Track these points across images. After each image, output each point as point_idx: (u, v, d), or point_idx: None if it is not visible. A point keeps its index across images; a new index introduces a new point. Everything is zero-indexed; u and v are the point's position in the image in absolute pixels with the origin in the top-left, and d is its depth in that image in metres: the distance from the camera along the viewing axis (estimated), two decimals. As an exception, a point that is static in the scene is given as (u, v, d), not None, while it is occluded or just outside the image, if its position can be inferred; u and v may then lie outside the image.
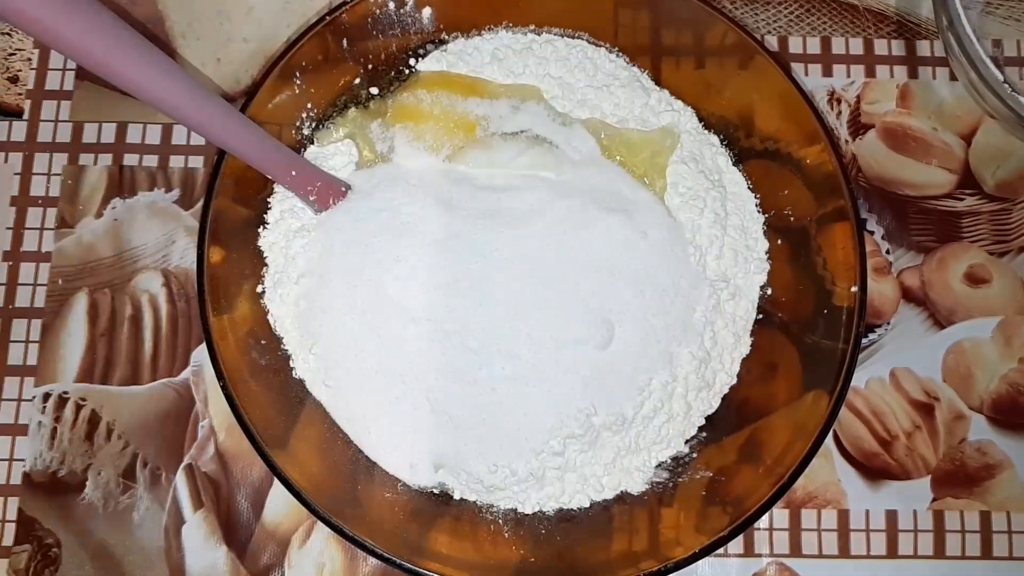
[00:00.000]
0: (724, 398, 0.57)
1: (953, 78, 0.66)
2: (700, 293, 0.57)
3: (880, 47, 0.67)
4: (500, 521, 0.54)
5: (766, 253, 0.59)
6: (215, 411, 0.59)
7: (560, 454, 0.53)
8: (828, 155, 0.55)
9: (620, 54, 0.61)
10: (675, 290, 0.56)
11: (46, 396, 0.59)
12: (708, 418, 0.57)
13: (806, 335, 0.56)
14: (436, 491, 0.55)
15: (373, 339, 0.54)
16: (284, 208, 0.57)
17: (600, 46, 0.61)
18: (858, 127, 0.65)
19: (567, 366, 0.54)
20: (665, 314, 0.55)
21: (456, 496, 0.54)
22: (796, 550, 0.58)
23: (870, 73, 0.66)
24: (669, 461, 0.56)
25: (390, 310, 0.54)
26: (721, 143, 0.61)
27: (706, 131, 0.61)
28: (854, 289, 0.53)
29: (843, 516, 0.58)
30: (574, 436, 0.53)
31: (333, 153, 0.59)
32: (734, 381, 0.57)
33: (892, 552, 0.58)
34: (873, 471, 0.59)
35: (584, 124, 0.59)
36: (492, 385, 0.53)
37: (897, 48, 0.67)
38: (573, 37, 0.61)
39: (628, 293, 0.55)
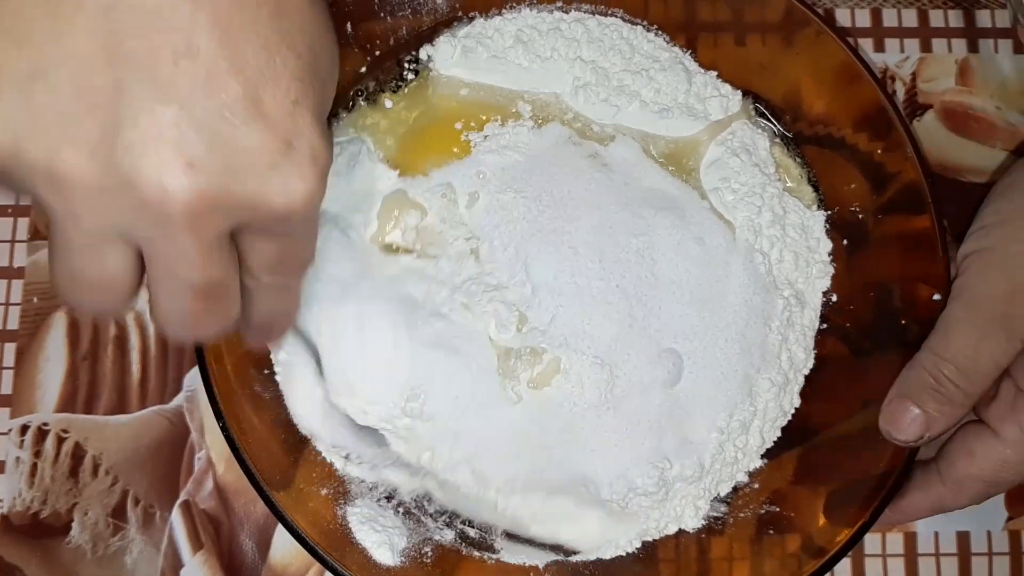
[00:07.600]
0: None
1: (1018, 50, 0.62)
2: (774, 307, 0.52)
3: (936, 18, 0.63)
4: (540, 568, 0.50)
5: (829, 255, 0.55)
6: (212, 441, 0.55)
7: None
8: (901, 138, 0.50)
9: (660, 32, 0.57)
10: (747, 307, 0.51)
11: (24, 428, 0.55)
12: (768, 441, 0.54)
13: (867, 344, 0.52)
14: (460, 541, 0.50)
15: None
16: None
17: (636, 24, 0.57)
18: (915, 108, 0.61)
19: (631, 411, 0.49)
20: (741, 337, 0.51)
21: (482, 558, 0.50)
22: (859, 579, 0.55)
23: (926, 48, 0.62)
24: (728, 492, 0.52)
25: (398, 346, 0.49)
26: (775, 130, 0.57)
27: (758, 116, 0.56)
28: (937, 297, 0.49)
29: (910, 540, 0.55)
30: (646, 494, 0.48)
31: (337, 154, 0.53)
32: (799, 403, 0.53)
33: (965, 579, 0.55)
34: (941, 488, 0.56)
35: (620, 130, 0.55)
36: (539, 439, 0.48)
37: (955, 19, 0.63)
38: (606, 15, 0.56)
39: (693, 314, 0.50)
